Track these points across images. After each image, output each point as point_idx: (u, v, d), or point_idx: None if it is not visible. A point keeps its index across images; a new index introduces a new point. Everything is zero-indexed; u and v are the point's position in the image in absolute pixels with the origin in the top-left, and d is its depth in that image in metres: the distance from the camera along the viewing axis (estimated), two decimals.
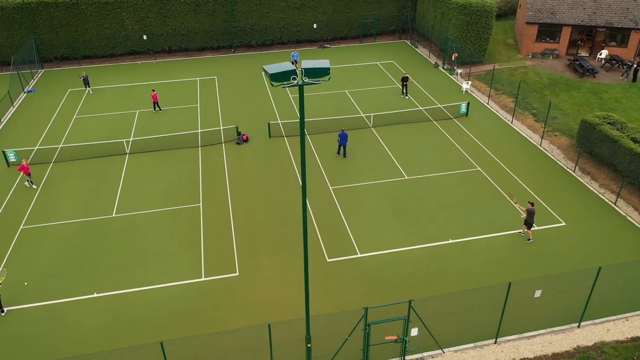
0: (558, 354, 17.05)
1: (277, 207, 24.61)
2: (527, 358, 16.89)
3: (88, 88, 37.34)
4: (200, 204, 24.84)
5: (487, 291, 19.43)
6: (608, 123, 27.00)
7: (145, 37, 43.27)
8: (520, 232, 22.44)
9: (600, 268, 16.56)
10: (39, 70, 41.95)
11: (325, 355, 16.97)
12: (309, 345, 15.11)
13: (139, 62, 43.64)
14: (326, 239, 22.44)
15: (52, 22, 41.56)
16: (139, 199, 25.34)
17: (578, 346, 17.31)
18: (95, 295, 19.62)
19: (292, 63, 39.57)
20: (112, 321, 18.48)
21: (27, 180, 26.26)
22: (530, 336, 17.71)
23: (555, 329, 17.98)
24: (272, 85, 12.48)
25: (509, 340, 17.56)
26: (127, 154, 29.38)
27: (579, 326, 18.05)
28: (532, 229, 22.11)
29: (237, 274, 20.59)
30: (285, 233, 22.84)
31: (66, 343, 17.62)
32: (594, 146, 27.20)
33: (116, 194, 25.81)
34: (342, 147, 28.47)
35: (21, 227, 23.46)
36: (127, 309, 18.98)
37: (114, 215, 24.19)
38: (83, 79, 36.90)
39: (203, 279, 20.36)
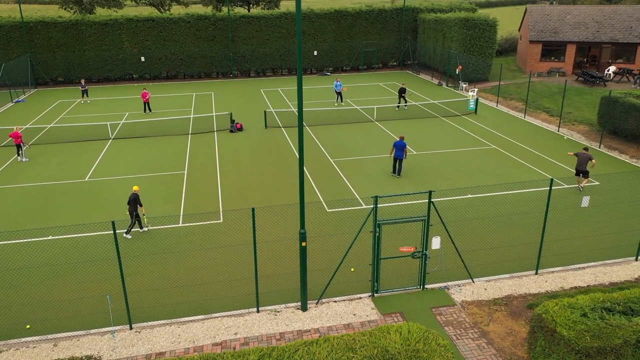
0: (616, 283, 13.59)
1: (270, 173, 21.85)
2: (579, 287, 13.41)
3: (86, 98, 35.87)
4: (185, 172, 22.13)
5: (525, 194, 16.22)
6: (631, 96, 24.93)
7: (143, 58, 42.62)
8: (579, 188, 19.48)
9: None
10: (32, 90, 40.77)
11: (327, 268, 13.48)
12: (303, 244, 11.85)
13: (135, 84, 42.65)
14: (325, 194, 19.49)
15: (49, 42, 41.06)
16: (116, 168, 22.65)
17: None
18: (50, 237, 16.41)
19: (336, 93, 33.62)
20: (62, 256, 15.16)
21: (19, 153, 23.73)
22: (578, 268, 14.32)
23: (608, 261, 14.61)
24: None
25: (552, 272, 14.15)
26: (110, 139, 27.06)
27: (637, 259, 14.70)
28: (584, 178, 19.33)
29: (220, 220, 17.47)
30: (278, 190, 19.92)
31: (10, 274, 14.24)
32: (618, 122, 24.89)
33: (93, 164, 23.16)
34: (398, 161, 20.89)
35: None
36: (81, 248, 15.71)
37: (86, 179, 21.41)
38: (81, 88, 35.53)
39: (181, 224, 17.22)
